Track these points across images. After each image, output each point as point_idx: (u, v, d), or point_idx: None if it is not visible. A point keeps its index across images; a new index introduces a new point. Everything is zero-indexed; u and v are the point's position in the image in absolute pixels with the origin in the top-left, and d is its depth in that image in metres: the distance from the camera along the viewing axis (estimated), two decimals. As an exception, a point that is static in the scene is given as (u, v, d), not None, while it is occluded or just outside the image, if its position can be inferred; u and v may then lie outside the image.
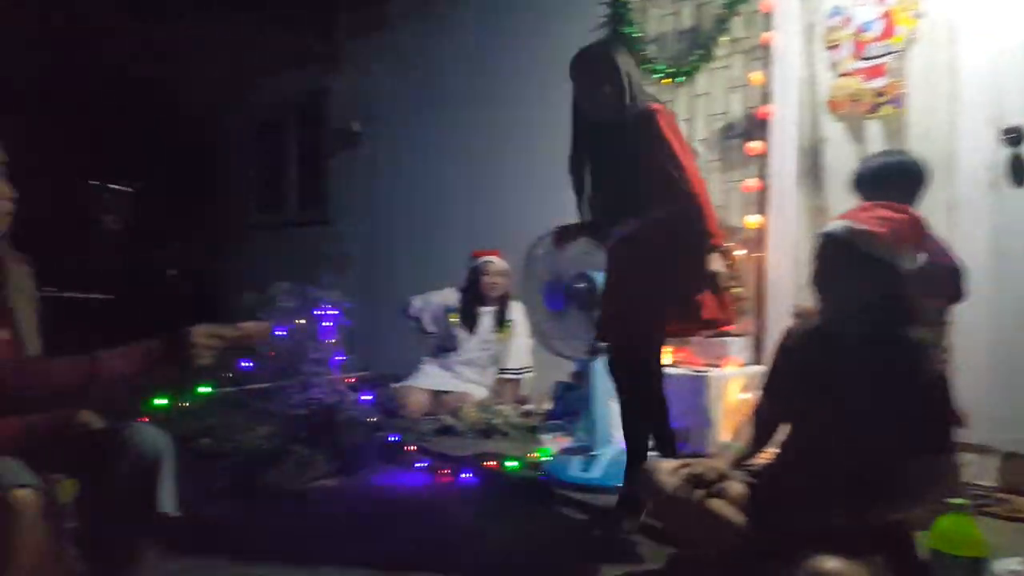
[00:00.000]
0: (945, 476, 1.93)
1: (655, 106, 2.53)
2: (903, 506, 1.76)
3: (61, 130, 6.81)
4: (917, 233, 2.34)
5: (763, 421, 2.10)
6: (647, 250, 2.47)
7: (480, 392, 4.39)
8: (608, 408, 3.25)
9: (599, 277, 2.83)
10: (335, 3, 6.43)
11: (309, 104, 6.91)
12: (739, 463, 2.05)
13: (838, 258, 1.88)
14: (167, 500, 1.57)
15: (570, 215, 3.24)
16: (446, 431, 3.98)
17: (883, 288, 1.84)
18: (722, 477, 1.95)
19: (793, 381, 2.01)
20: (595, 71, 2.53)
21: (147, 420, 3.57)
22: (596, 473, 3.08)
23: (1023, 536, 2.53)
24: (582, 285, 2.93)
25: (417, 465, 3.38)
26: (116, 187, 11.12)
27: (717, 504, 1.92)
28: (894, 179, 2.71)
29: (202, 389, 4.39)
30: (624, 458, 3.16)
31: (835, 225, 1.93)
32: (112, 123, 8.23)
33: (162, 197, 10.95)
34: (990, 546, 1.68)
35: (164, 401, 3.72)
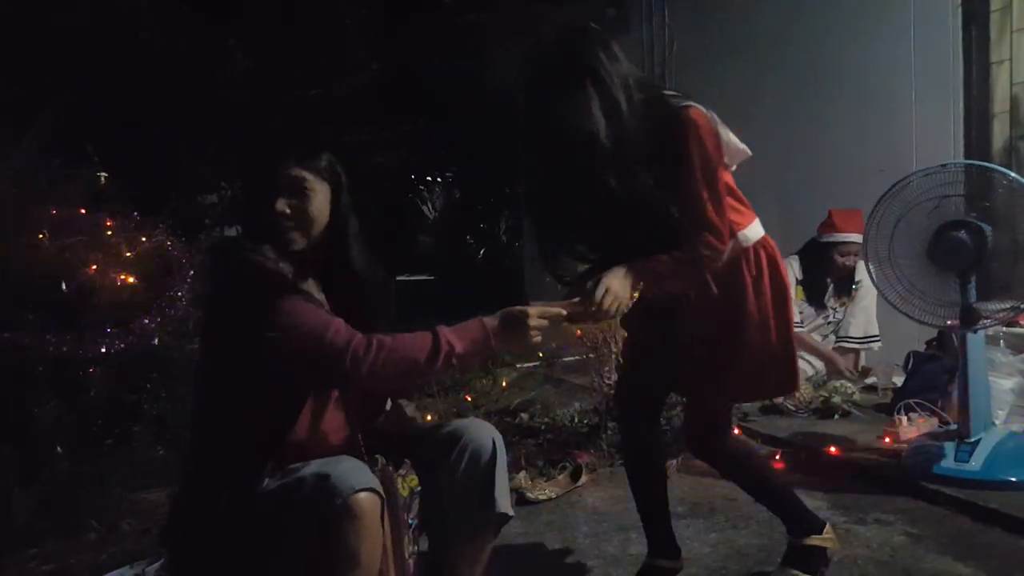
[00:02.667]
0: None
1: (690, 109, 1.68)
2: None
3: (386, 129, 7.48)
4: None
5: None
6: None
7: (809, 367, 3.88)
8: (987, 384, 2.66)
9: (985, 227, 2.30)
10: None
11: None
12: None
13: None
14: (502, 500, 1.51)
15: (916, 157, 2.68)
16: (773, 410, 3.57)
17: None
18: None
19: None
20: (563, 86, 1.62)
21: (469, 398, 3.80)
22: (976, 464, 2.50)
23: None
24: (961, 234, 2.41)
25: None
26: (430, 178, 12.21)
27: None
28: None
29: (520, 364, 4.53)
30: (1013, 444, 2.59)
31: None
32: (424, 116, 8.94)
33: (471, 184, 11.81)
34: None
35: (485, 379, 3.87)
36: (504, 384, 4.13)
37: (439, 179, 12.61)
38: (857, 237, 3.78)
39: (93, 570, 2.29)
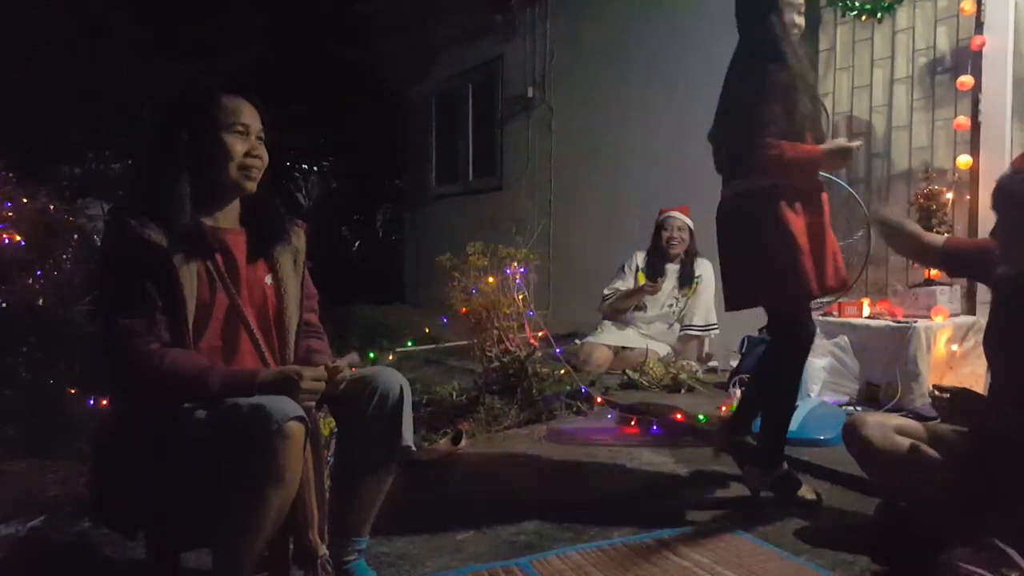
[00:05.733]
0: None
1: None
2: None
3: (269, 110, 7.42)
4: None
5: None
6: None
7: (663, 349, 4.40)
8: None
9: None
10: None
11: (484, 74, 7.11)
12: None
13: None
14: (407, 434, 1.71)
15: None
16: (630, 385, 4.03)
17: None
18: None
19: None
20: None
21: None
22: (793, 426, 3.00)
23: None
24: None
25: (608, 416, 3.51)
26: (305, 166, 12.01)
27: (925, 454, 1.92)
28: None
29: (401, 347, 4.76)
30: (823, 411, 3.11)
31: None
32: (302, 102, 8.87)
33: (350, 173, 11.74)
34: None
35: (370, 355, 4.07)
36: (390, 358, 4.33)
37: (315, 167, 12.41)
38: (676, 213, 4.44)
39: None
